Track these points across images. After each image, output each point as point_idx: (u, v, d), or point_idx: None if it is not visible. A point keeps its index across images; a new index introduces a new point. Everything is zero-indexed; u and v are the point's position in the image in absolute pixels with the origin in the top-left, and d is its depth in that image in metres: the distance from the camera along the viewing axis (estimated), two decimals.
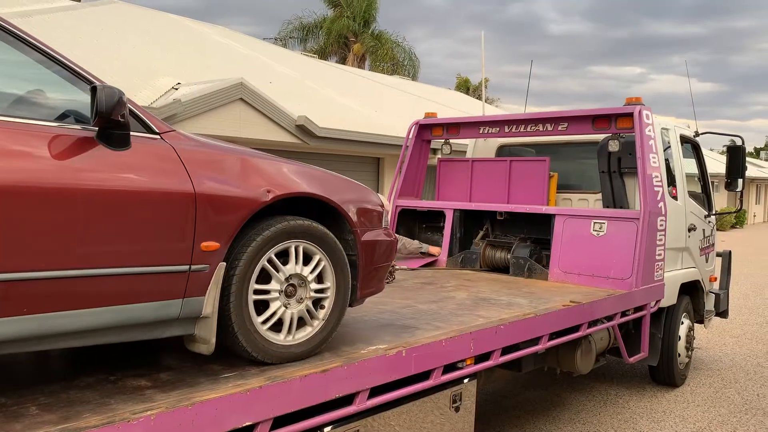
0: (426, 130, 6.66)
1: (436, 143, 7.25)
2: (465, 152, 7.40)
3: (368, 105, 14.79)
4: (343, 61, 30.74)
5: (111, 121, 2.13)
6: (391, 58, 30.70)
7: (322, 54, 30.48)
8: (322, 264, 2.83)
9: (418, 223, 6.71)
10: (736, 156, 6.53)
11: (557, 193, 6.47)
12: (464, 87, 42.43)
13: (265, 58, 15.54)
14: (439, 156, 6.93)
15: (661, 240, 5.26)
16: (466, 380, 3.60)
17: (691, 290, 6.44)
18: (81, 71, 2.21)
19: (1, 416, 2.03)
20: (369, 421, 2.98)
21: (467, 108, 19.53)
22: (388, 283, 5.01)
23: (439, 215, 6.40)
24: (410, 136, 6.60)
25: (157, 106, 7.73)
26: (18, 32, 2.13)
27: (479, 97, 37.66)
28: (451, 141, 6.94)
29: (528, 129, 6.00)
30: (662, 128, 5.99)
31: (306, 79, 14.92)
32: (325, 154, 11.34)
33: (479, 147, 7.16)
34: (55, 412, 2.08)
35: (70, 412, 2.08)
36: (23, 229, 1.95)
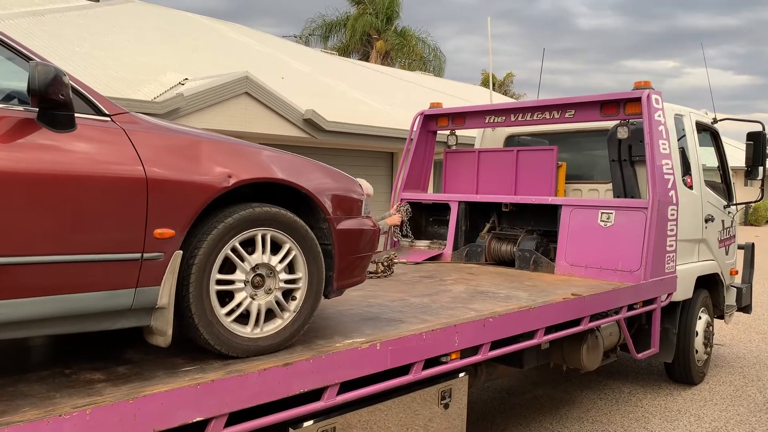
0: (431, 120, 6.50)
1: (443, 137, 7.08)
2: (473, 144, 7.21)
3: (384, 100, 14.65)
4: (366, 58, 30.64)
5: (49, 101, 2.03)
6: (416, 55, 30.51)
7: (345, 51, 30.43)
8: (293, 253, 2.70)
9: (424, 216, 6.55)
10: (757, 143, 6.24)
11: (567, 183, 6.26)
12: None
13: (280, 54, 15.49)
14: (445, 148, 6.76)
15: (672, 230, 5.02)
16: (461, 374, 3.45)
17: (709, 284, 6.17)
18: (21, 48, 2.11)
19: None
20: (349, 416, 2.85)
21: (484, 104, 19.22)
22: (386, 276, 4.87)
23: (446, 208, 6.23)
24: (415, 127, 6.44)
25: (159, 100, 7.69)
26: None
27: (506, 93, 37.28)
28: (460, 133, 6.77)
29: (534, 117, 5.80)
30: (676, 115, 5.74)
31: (321, 75, 14.83)
32: (335, 149, 11.22)
33: (487, 138, 6.97)
34: None
35: (10, 405, 1.99)
36: None
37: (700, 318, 5.95)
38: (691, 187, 5.72)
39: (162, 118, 2.50)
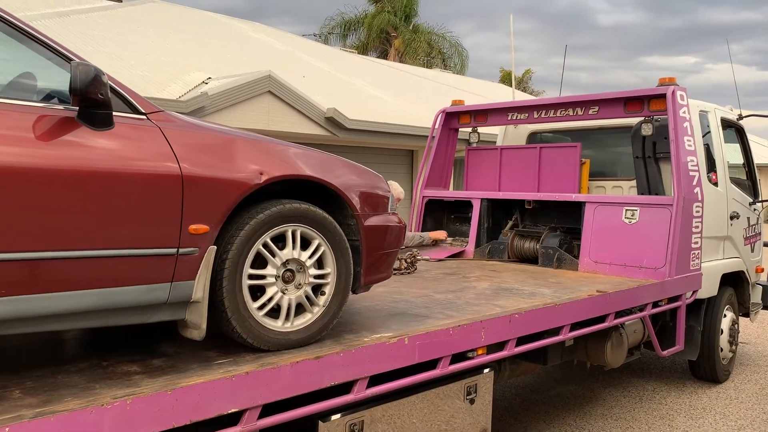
0: (453, 118, 6.51)
1: (464, 134, 7.09)
2: (495, 141, 7.22)
3: (403, 97, 14.67)
4: (384, 56, 30.64)
5: (89, 100, 2.08)
6: (424, 51, 30.35)
7: (364, 49, 30.45)
8: (322, 249, 2.74)
9: (446, 213, 6.57)
10: None
11: (590, 180, 6.24)
12: (509, 80, 41.82)
13: (300, 53, 15.57)
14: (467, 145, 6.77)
15: (697, 227, 5.00)
16: (485, 370, 3.47)
17: (734, 281, 6.12)
18: (61, 49, 2.17)
19: None
20: (377, 410, 2.89)
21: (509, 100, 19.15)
22: (409, 273, 4.90)
23: (468, 205, 6.24)
24: (437, 125, 6.46)
25: (184, 99, 7.79)
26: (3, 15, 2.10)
27: (525, 90, 37.06)
28: (481, 131, 6.78)
29: (558, 114, 5.79)
30: (701, 111, 5.70)
31: (341, 73, 14.89)
32: (356, 147, 11.28)
33: (509, 135, 6.97)
34: (38, 396, 2.05)
35: (53, 396, 2.05)
36: (5, 211, 1.92)
37: (725, 316, 5.90)
38: (716, 184, 5.68)
39: (187, 116, 2.55)
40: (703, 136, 5.61)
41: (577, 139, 6.27)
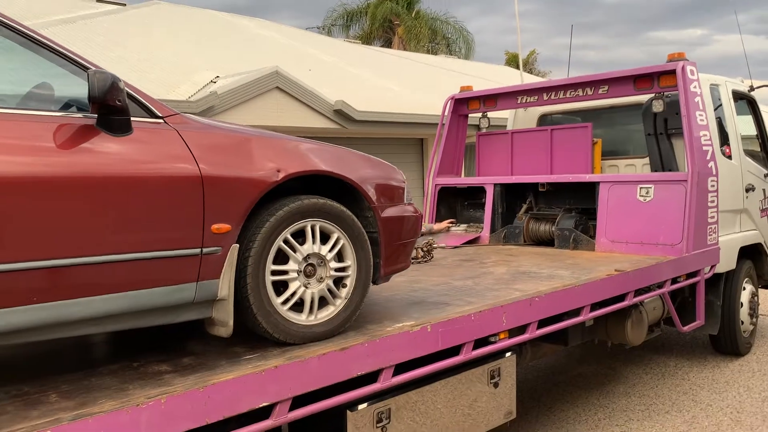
0: (462, 104, 6.51)
1: (474, 120, 7.08)
2: (505, 126, 7.21)
3: (410, 86, 14.64)
4: (388, 45, 30.53)
5: (107, 107, 2.12)
6: (426, 37, 30.16)
7: (367, 40, 30.32)
8: (341, 242, 2.77)
9: (459, 200, 6.58)
10: None
11: (603, 160, 6.23)
12: (514, 63, 41.56)
13: (305, 46, 15.57)
14: (478, 131, 6.77)
15: (713, 202, 4.98)
16: (507, 354, 3.50)
17: (752, 254, 6.10)
18: (77, 58, 2.20)
19: (22, 404, 2.07)
20: (403, 398, 2.93)
21: (517, 83, 19.05)
22: (426, 261, 4.93)
23: (481, 191, 6.25)
24: (446, 112, 6.46)
25: (194, 99, 7.84)
26: (15, 25, 2.13)
27: (531, 71, 36.81)
28: (491, 115, 6.77)
29: (567, 95, 5.78)
30: (711, 84, 5.66)
31: (346, 65, 14.88)
32: (365, 138, 11.29)
33: (519, 118, 6.96)
34: (74, 398, 2.10)
35: (88, 398, 2.10)
36: (30, 220, 1.96)
37: (744, 289, 5.89)
38: (730, 157, 5.65)
39: (202, 117, 2.59)
40: (714, 110, 5.58)
41: (587, 119, 6.26)
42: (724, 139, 5.65)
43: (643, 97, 5.67)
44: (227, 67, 10.32)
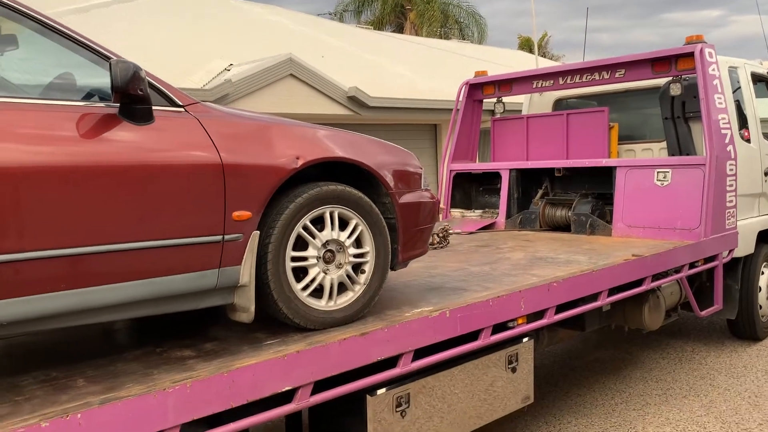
0: (477, 89, 6.48)
1: (488, 106, 7.05)
2: (520, 111, 7.17)
3: (423, 71, 14.57)
4: (399, 30, 30.34)
5: (129, 96, 2.14)
6: (438, 21, 29.92)
7: (379, 25, 30.13)
8: (359, 228, 2.79)
9: (474, 186, 6.57)
10: None
11: (619, 144, 6.20)
12: (527, 47, 41.19)
13: (316, 33, 15.53)
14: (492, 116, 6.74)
15: (731, 186, 4.95)
16: (524, 340, 3.52)
17: None
18: (99, 48, 2.22)
19: (51, 388, 2.12)
20: (422, 383, 2.96)
21: (531, 67, 18.88)
22: (442, 247, 4.94)
23: (496, 177, 6.24)
24: (460, 98, 6.44)
25: (209, 87, 7.87)
26: (39, 16, 2.15)
27: (544, 55, 36.46)
28: (506, 100, 6.73)
29: (583, 79, 5.74)
30: (730, 67, 5.60)
31: (358, 51, 14.83)
32: (379, 125, 11.28)
33: (534, 103, 6.92)
34: (101, 383, 2.15)
35: (115, 383, 2.14)
36: (57, 208, 2.00)
37: (762, 273, 5.85)
38: (748, 141, 5.60)
39: (220, 105, 2.60)
40: (733, 93, 5.52)
41: (603, 104, 6.21)
42: (743, 122, 5.59)
43: (660, 81, 5.61)
44: (240, 54, 10.33)
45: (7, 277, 1.92)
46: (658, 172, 4.99)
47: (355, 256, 2.78)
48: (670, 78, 5.31)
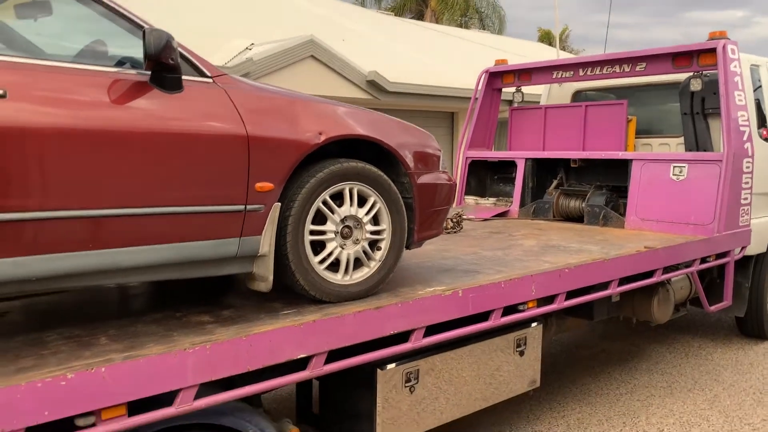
0: (496, 78, 6.49)
1: (507, 96, 7.06)
2: (538, 101, 7.17)
3: (442, 59, 14.54)
4: (420, 17, 30.20)
5: (161, 64, 2.20)
6: (460, 9, 29.75)
7: (399, 11, 30.02)
8: (377, 206, 2.84)
9: (490, 174, 6.60)
10: None
11: (636, 138, 6.19)
12: (547, 39, 40.87)
13: (337, 16, 15.52)
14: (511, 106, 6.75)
15: (747, 183, 4.95)
16: (533, 324, 3.57)
17: None
18: (132, 17, 2.28)
19: (75, 345, 2.19)
20: (431, 360, 3.02)
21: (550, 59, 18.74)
22: (455, 232, 4.99)
23: (511, 166, 6.26)
24: (480, 86, 6.45)
25: (231, 65, 7.92)
26: None
27: (564, 49, 36.17)
28: (525, 91, 6.74)
29: (604, 71, 5.73)
30: (752, 65, 5.57)
31: (379, 36, 14.82)
32: (397, 110, 11.29)
33: (553, 94, 6.91)
34: (122, 342, 2.22)
35: (136, 342, 2.22)
36: (88, 170, 2.06)
37: None
38: (767, 140, 5.58)
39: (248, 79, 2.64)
40: (753, 91, 5.50)
41: (622, 97, 6.20)
42: (762, 121, 5.58)
43: (679, 76, 5.60)
44: (262, 34, 10.36)
45: (41, 234, 1.99)
46: (674, 167, 5.00)
47: (372, 233, 2.84)
48: (691, 73, 5.30)
